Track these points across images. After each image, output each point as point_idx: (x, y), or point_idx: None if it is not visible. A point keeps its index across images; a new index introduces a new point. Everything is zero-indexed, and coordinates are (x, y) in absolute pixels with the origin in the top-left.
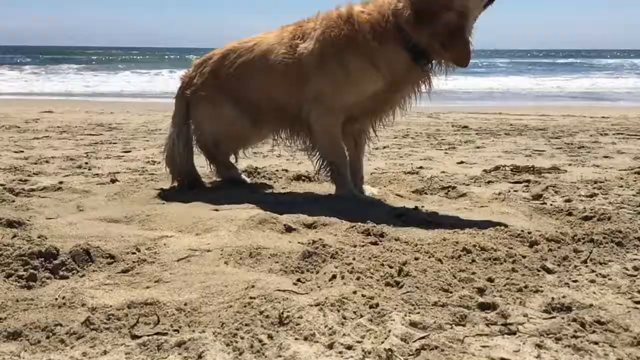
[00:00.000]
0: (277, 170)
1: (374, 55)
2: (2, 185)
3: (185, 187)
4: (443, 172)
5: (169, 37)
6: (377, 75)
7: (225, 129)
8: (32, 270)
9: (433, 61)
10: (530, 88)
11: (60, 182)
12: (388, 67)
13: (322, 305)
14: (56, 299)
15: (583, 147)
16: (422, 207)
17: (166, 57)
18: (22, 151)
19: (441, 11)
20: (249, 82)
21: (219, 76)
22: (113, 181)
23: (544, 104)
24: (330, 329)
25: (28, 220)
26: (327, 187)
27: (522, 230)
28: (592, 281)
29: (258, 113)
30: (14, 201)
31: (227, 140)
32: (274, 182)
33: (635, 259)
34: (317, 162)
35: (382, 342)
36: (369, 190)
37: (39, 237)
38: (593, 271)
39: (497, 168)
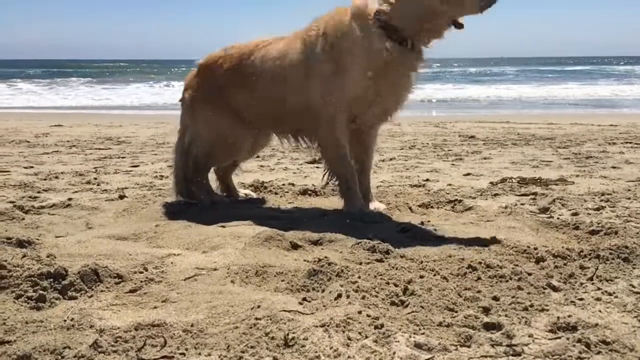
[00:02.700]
0: (283, 185)
1: (369, 55)
2: (12, 202)
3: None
4: (449, 184)
5: (178, 50)
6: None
7: (224, 131)
8: (41, 291)
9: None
10: (539, 96)
11: (69, 199)
12: (383, 61)
13: (328, 326)
14: (65, 320)
15: (591, 157)
16: (428, 221)
17: (175, 69)
18: (32, 167)
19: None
20: (255, 84)
21: (220, 76)
22: (121, 197)
23: (552, 112)
24: (335, 350)
25: (37, 239)
26: (333, 202)
27: (529, 246)
28: (598, 299)
29: (261, 115)
30: (23, 219)
31: (223, 146)
32: (281, 196)
33: None
34: (325, 174)
35: None
36: (375, 205)
37: (48, 257)
38: (599, 289)
39: (503, 180)
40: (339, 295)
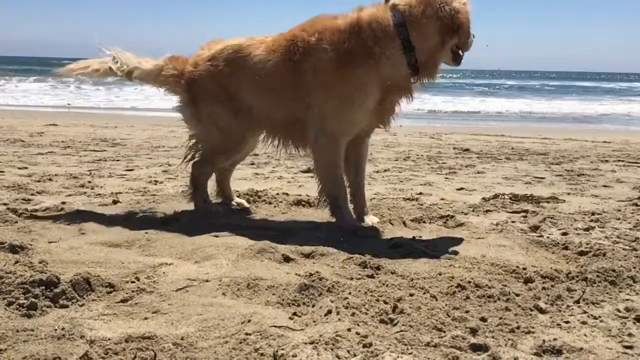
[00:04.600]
0: (277, 194)
1: (377, 72)
2: (5, 204)
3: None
4: (442, 199)
5: (177, 50)
6: (376, 92)
7: (228, 128)
8: (33, 299)
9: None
10: (536, 109)
11: (63, 203)
12: (391, 80)
13: (317, 343)
14: (55, 329)
15: (583, 174)
16: (420, 237)
17: None
18: (26, 167)
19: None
20: (255, 84)
21: (223, 72)
22: (115, 202)
23: (547, 126)
24: None
25: (30, 244)
26: (326, 214)
27: (518, 266)
28: (584, 322)
29: (258, 118)
30: (16, 222)
31: (225, 144)
32: (275, 206)
33: (627, 299)
34: (318, 188)
35: None
36: (370, 219)
37: (40, 263)
38: (585, 312)
39: (496, 196)
40: (329, 311)
